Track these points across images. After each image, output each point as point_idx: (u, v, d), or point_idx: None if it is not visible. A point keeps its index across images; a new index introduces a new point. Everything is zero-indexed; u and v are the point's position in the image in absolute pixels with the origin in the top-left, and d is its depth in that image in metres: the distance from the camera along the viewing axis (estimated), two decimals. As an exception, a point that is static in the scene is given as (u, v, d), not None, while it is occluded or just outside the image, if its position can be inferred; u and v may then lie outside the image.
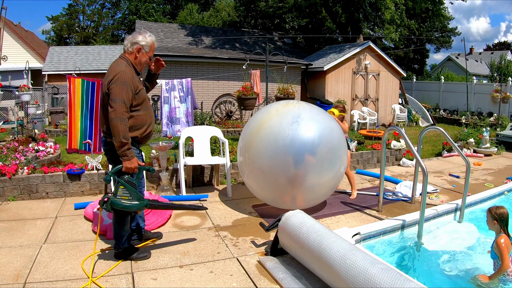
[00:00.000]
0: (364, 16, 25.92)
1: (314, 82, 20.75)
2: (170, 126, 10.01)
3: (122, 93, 4.51)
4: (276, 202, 6.66)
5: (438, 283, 4.86)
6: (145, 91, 5.02)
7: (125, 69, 4.66)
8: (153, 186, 8.19)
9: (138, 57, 4.88)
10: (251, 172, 6.61)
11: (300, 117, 6.28)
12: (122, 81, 4.54)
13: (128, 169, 4.62)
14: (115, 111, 4.46)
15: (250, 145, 6.51)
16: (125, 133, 4.48)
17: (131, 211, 4.74)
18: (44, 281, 4.41)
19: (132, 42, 4.84)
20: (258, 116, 6.81)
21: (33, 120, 13.98)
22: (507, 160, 12.23)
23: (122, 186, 4.65)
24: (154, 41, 5.00)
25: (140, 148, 5.11)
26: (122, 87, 4.52)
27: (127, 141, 4.51)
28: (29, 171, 7.52)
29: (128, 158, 4.57)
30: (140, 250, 5.07)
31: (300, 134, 6.11)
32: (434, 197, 7.97)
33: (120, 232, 4.87)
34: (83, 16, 55.43)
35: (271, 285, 4.39)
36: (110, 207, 4.57)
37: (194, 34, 23.51)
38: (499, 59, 38.19)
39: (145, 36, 4.89)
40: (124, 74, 4.59)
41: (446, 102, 25.99)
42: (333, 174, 6.46)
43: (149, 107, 5.01)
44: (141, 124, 4.84)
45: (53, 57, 27.04)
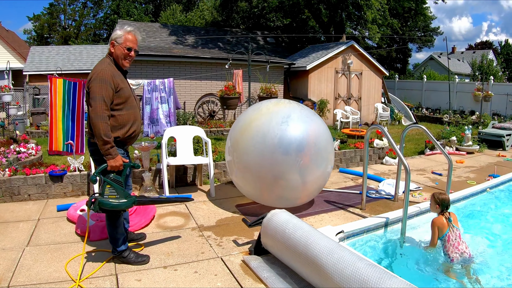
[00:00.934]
0: (347, 16, 26.03)
1: (296, 82, 20.78)
2: (151, 127, 9.97)
3: (102, 90, 4.43)
4: (263, 200, 6.74)
5: (421, 280, 4.89)
6: (129, 90, 4.86)
7: (105, 67, 4.60)
8: (136, 186, 8.14)
9: (114, 52, 4.76)
10: (239, 170, 6.65)
11: (290, 117, 6.35)
12: (101, 78, 4.47)
13: (113, 167, 4.54)
14: (95, 109, 4.38)
15: (238, 143, 6.57)
16: (106, 131, 4.40)
17: (120, 209, 4.64)
18: (28, 284, 4.36)
19: (109, 40, 4.82)
20: (248, 113, 6.86)
21: (14, 121, 13.84)
22: (489, 157, 12.35)
23: (109, 185, 4.58)
24: (129, 31, 4.82)
25: (126, 149, 5.01)
26: (101, 85, 4.44)
27: (108, 139, 4.42)
28: (11, 173, 7.44)
29: (112, 156, 4.49)
30: (138, 254, 4.99)
31: (288, 134, 6.17)
32: (417, 194, 8.03)
33: (114, 235, 4.80)
34: (64, 15, 54.96)
35: (256, 284, 4.40)
36: (98, 207, 4.49)
37: (177, 33, 23.43)
38: (480, 58, 38.54)
39: (120, 30, 4.79)
40: (103, 72, 4.52)
41: (429, 101, 26.18)
42: (320, 173, 6.52)
43: (133, 106, 4.90)
44: (122, 123, 4.71)
45: (34, 57, 26.80)
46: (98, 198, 4.52)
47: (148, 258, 4.96)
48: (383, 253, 5.63)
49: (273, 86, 14.10)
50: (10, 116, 15.37)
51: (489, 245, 5.90)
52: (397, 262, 5.43)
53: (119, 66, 4.81)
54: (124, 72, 4.94)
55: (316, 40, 34.48)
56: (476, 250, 5.56)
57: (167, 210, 6.93)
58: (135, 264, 4.83)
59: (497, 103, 21.86)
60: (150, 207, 6.47)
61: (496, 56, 54.04)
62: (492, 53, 55.17)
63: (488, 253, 5.63)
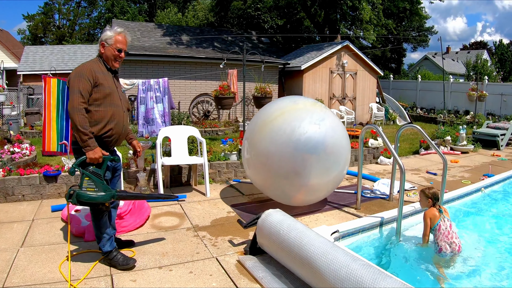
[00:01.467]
0: (341, 16, 26.05)
1: (291, 82, 20.79)
2: (145, 127, 9.96)
3: (79, 84, 4.42)
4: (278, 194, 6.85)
5: (417, 279, 4.90)
6: (112, 88, 4.79)
7: (86, 63, 4.66)
8: (131, 187, 8.13)
9: (104, 53, 4.77)
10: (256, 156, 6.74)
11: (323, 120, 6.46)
12: (78, 73, 4.49)
13: (92, 159, 4.45)
14: (71, 102, 4.37)
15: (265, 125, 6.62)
16: (82, 123, 4.35)
17: (98, 202, 4.54)
18: (22, 285, 4.34)
19: (99, 40, 4.83)
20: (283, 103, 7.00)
21: (8, 121, 13.78)
22: (483, 157, 12.38)
23: (87, 178, 4.51)
24: (119, 32, 4.81)
25: (110, 150, 4.91)
26: (78, 79, 4.45)
27: (85, 130, 4.36)
28: (5, 173, 7.41)
29: (91, 148, 4.41)
30: (126, 257, 4.85)
31: (316, 135, 6.27)
32: (412, 194, 8.04)
33: (99, 235, 4.76)
34: (58, 14, 54.84)
35: (251, 284, 4.39)
36: (76, 199, 4.44)
37: (171, 33, 23.40)
38: (475, 58, 38.65)
39: (110, 30, 4.79)
40: (81, 67, 4.58)
41: (423, 100, 26.23)
42: (337, 173, 6.64)
43: (115, 104, 4.77)
44: (98, 119, 4.60)
45: (28, 57, 26.71)
46: (76, 190, 4.47)
47: (134, 262, 4.84)
48: (378, 252, 5.63)
49: (268, 85, 14.10)
50: (4, 116, 15.31)
51: (484, 244, 5.91)
52: (392, 261, 5.43)
53: (108, 66, 4.83)
54: (114, 71, 4.94)
55: (311, 40, 34.49)
56: (470, 249, 5.58)
57: (162, 211, 6.91)
58: (121, 267, 4.73)
59: (491, 103, 21.93)
60: (145, 207, 6.45)
61: (490, 56, 54.28)
62: (487, 53, 55.39)
63: (482, 252, 5.64)
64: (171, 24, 32.39)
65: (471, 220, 6.88)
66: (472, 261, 5.31)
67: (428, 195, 5.45)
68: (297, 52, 23.37)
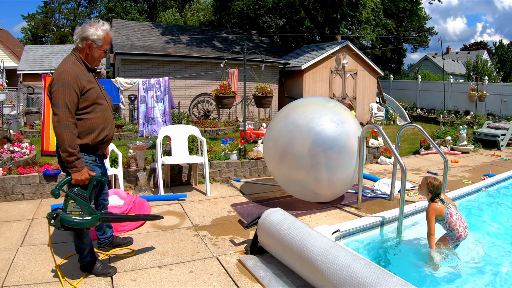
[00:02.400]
0: (341, 16, 26.04)
1: (291, 81, 20.76)
2: (146, 126, 9.94)
3: (64, 96, 4.01)
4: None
5: (418, 279, 4.88)
6: (98, 90, 4.41)
7: (68, 68, 4.13)
8: (131, 186, 8.11)
9: (89, 54, 4.36)
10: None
11: (345, 123, 6.81)
12: (63, 82, 4.03)
13: (78, 181, 4.13)
14: (58, 117, 3.98)
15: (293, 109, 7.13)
16: (71, 142, 4.01)
17: (83, 228, 4.21)
18: (22, 284, 4.33)
19: (81, 37, 4.29)
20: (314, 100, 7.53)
21: (8, 120, 13.76)
22: (484, 157, 12.37)
23: (72, 200, 4.15)
24: (107, 31, 4.40)
25: (98, 154, 4.61)
26: (63, 90, 4.01)
27: (73, 150, 4.03)
28: (4, 172, 7.39)
29: (78, 169, 4.09)
30: (105, 265, 4.67)
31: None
32: (413, 194, 8.03)
33: (80, 246, 4.48)
34: (59, 14, 54.83)
35: (252, 283, 4.37)
36: (59, 224, 4.07)
37: (171, 33, 23.36)
38: (475, 58, 38.62)
39: (97, 28, 4.31)
40: (65, 74, 4.07)
41: (423, 101, 26.20)
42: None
43: (104, 108, 4.44)
44: (90, 128, 4.30)
45: (28, 56, 26.70)
46: (60, 214, 4.10)
47: (114, 270, 4.62)
48: (380, 252, 5.61)
49: (269, 85, 14.07)
50: (4, 115, 15.30)
51: (484, 244, 5.89)
52: (394, 261, 5.41)
53: (87, 65, 4.41)
54: (93, 70, 4.53)
55: (311, 40, 34.49)
56: (471, 249, 5.56)
57: (162, 210, 6.90)
58: (100, 275, 4.52)
59: (491, 103, 21.90)
60: (145, 207, 6.44)
61: (490, 57, 54.25)
62: (487, 53, 55.39)
63: (483, 252, 5.62)
64: (171, 24, 32.33)
65: (472, 220, 6.85)
66: (473, 260, 5.29)
67: (430, 188, 5.22)
68: (298, 52, 23.34)
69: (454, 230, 5.11)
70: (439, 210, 5.13)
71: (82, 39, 4.29)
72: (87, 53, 4.35)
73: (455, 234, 5.11)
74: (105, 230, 5.19)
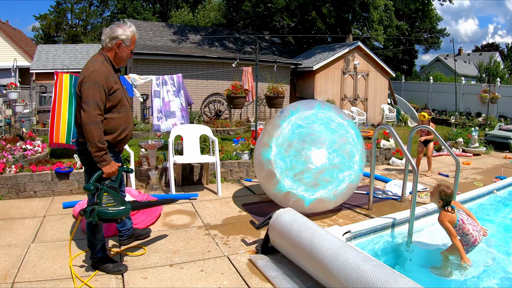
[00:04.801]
0: (353, 17, 25.99)
1: (303, 82, 20.73)
2: (163, 120, 9.90)
3: (95, 94, 4.16)
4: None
5: (429, 281, 4.86)
6: (122, 91, 4.57)
7: (98, 68, 4.28)
8: (142, 185, 8.14)
9: (118, 53, 4.53)
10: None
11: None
12: (94, 81, 4.18)
13: (109, 174, 4.31)
14: (88, 114, 4.12)
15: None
16: (100, 138, 4.16)
17: (119, 217, 4.40)
18: (33, 280, 4.35)
19: (111, 37, 4.45)
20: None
21: (20, 119, 13.86)
22: (495, 159, 12.30)
23: (106, 193, 4.33)
24: (135, 33, 4.61)
25: (115, 151, 4.69)
26: (94, 88, 4.16)
27: (103, 145, 4.19)
28: (17, 169, 7.45)
29: (107, 162, 4.27)
30: (116, 264, 4.69)
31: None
32: (424, 195, 8.00)
33: (93, 241, 4.58)
34: (71, 14, 55.10)
35: (263, 283, 4.37)
36: (97, 217, 4.22)
37: (183, 33, 23.41)
38: (487, 60, 38.44)
39: (125, 29, 4.50)
40: (96, 73, 4.22)
41: (435, 102, 26.08)
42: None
43: (127, 109, 4.62)
44: (113, 128, 4.45)
45: (41, 56, 26.86)
46: (96, 208, 4.23)
47: (125, 268, 4.67)
48: (390, 253, 5.60)
49: (280, 85, 14.08)
50: (16, 113, 15.39)
51: (496, 247, 5.86)
52: (404, 262, 5.40)
53: (113, 65, 4.57)
54: (117, 70, 4.71)
55: (323, 41, 34.42)
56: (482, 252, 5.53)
57: (173, 209, 6.92)
58: (111, 273, 4.56)
59: (503, 105, 21.73)
60: (156, 205, 6.44)
61: (502, 58, 53.91)
62: (499, 55, 55.06)
63: (495, 255, 5.59)
64: (183, 24, 32.38)
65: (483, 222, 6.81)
66: (484, 264, 5.27)
67: (442, 196, 5.19)
68: (309, 53, 23.30)
69: (468, 235, 5.07)
70: (451, 217, 5.10)
71: (112, 38, 4.45)
72: (116, 52, 4.51)
73: (470, 239, 5.07)
74: (125, 222, 5.28)
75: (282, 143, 6.28)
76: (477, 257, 5.29)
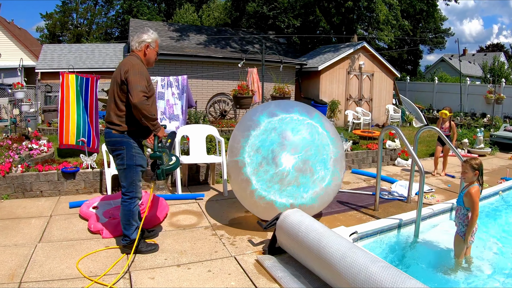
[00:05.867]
0: (357, 17, 25.96)
1: (308, 82, 20.72)
2: (167, 123, 9.94)
3: (141, 81, 4.74)
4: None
5: (435, 282, 4.85)
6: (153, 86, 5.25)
7: (140, 63, 4.95)
8: (149, 185, 8.14)
9: (147, 54, 5.12)
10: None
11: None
12: (140, 71, 4.80)
13: (163, 135, 5.11)
14: (137, 96, 4.65)
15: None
16: (151, 111, 4.81)
17: (179, 166, 5.65)
18: (40, 280, 4.36)
19: (139, 42, 5.07)
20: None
21: (26, 118, 13.89)
22: (501, 160, 12.27)
23: (164, 153, 5.10)
24: (157, 37, 5.25)
25: (139, 141, 5.21)
26: (141, 76, 4.77)
27: (155, 116, 4.89)
28: (23, 169, 7.46)
29: (160, 128, 5.02)
30: (147, 243, 5.23)
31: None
32: (430, 196, 7.98)
33: (131, 222, 5.03)
34: (76, 13, 55.17)
35: (270, 284, 4.37)
36: (165, 174, 5.06)
37: (188, 32, 23.42)
38: (492, 60, 38.27)
39: (149, 34, 5.12)
40: (139, 66, 4.87)
41: (440, 102, 26.01)
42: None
43: (155, 102, 5.34)
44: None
45: (46, 55, 26.86)
46: (161, 167, 5.02)
47: (157, 247, 5.25)
48: (397, 254, 5.59)
49: (287, 86, 14.07)
50: (22, 113, 15.42)
51: (500, 248, 5.85)
52: (411, 263, 5.39)
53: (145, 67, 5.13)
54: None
55: (328, 41, 34.38)
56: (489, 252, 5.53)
57: (180, 209, 6.93)
58: (145, 253, 5.09)
59: (508, 105, 21.67)
60: (163, 205, 6.44)
61: (507, 59, 53.76)
62: (504, 55, 54.89)
63: (499, 256, 5.59)
64: (188, 24, 32.41)
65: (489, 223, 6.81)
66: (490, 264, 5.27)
67: (475, 166, 5.02)
68: (314, 53, 23.30)
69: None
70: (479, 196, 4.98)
71: (140, 42, 5.10)
72: (145, 53, 5.14)
73: None
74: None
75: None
76: (483, 257, 5.28)
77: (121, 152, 4.95)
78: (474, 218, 4.93)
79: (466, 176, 5.14)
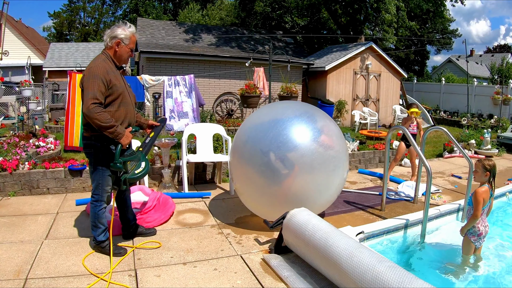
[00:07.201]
0: (364, 18, 25.93)
1: (315, 82, 20.71)
2: (176, 120, 9.96)
3: (94, 86, 4.46)
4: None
5: (441, 282, 4.84)
6: (123, 87, 4.86)
7: (99, 64, 4.65)
8: (155, 183, 8.15)
9: (118, 51, 4.86)
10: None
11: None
12: (93, 74, 4.51)
13: (127, 143, 4.73)
14: (86, 103, 4.41)
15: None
16: (103, 118, 4.44)
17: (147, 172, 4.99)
18: (46, 277, 4.37)
19: (111, 37, 4.82)
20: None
21: (33, 116, 13.93)
22: (508, 161, 12.21)
23: (128, 162, 4.73)
24: (134, 32, 4.95)
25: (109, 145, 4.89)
26: (93, 81, 4.48)
27: (109, 123, 4.48)
28: (30, 166, 7.48)
29: (122, 134, 4.63)
30: (117, 246, 5.08)
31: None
32: (437, 197, 7.95)
33: (96, 224, 4.95)
34: (83, 12, 55.36)
35: (276, 283, 4.36)
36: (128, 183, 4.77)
37: (196, 32, 23.42)
38: (500, 61, 38.17)
39: (124, 29, 4.84)
40: (95, 68, 4.58)
41: (447, 103, 25.96)
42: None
43: (126, 103, 4.89)
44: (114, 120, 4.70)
45: (53, 54, 27.00)
46: (125, 176, 4.69)
47: (124, 251, 5.05)
48: (403, 254, 5.58)
49: (294, 85, 14.06)
50: (29, 111, 15.48)
51: (509, 249, 5.83)
52: (417, 263, 5.38)
53: (115, 63, 4.90)
54: (120, 68, 5.02)
55: (335, 41, 34.34)
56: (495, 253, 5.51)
57: (186, 207, 6.93)
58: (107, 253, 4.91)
59: (516, 107, 21.62)
60: (169, 204, 6.45)
61: (514, 60, 53.60)
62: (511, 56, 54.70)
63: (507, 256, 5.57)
64: (195, 23, 32.45)
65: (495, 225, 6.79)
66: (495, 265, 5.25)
67: (487, 167, 5.07)
68: (321, 53, 23.28)
69: (475, 227, 5.05)
70: (486, 197, 4.99)
71: (112, 38, 4.82)
72: (116, 50, 4.85)
73: (476, 231, 5.07)
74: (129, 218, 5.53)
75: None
76: (491, 258, 5.27)
77: (89, 155, 4.86)
78: (473, 217, 4.98)
79: (476, 175, 5.21)
